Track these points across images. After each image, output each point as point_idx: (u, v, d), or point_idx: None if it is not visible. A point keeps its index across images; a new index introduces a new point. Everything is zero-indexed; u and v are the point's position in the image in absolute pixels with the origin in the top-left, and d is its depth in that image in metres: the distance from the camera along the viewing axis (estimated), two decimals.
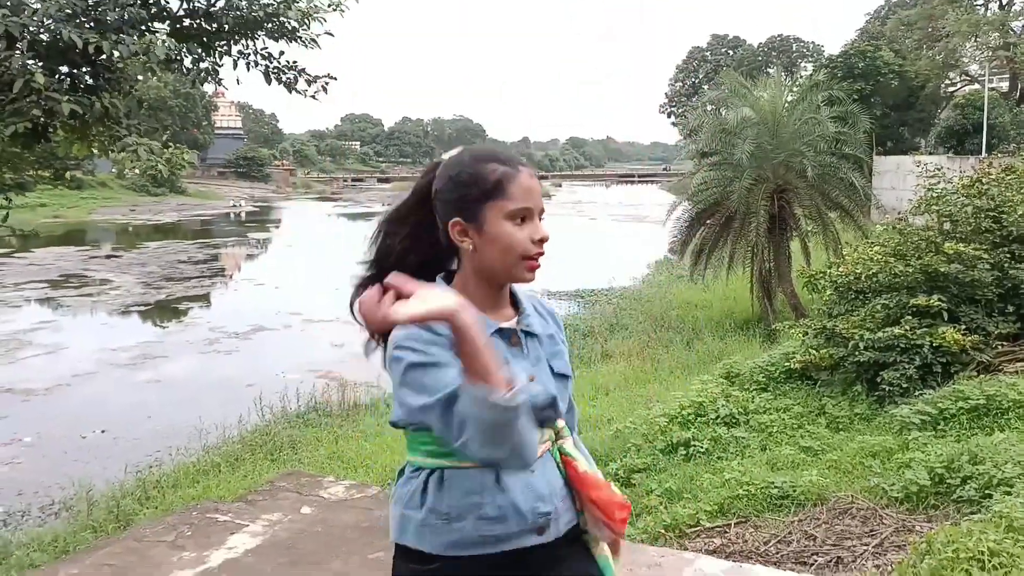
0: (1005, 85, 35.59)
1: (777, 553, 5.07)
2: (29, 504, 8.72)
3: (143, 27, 5.52)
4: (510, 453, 1.32)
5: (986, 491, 5.17)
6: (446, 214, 1.52)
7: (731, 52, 56.70)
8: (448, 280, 1.57)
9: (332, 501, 3.63)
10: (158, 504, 7.83)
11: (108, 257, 30.22)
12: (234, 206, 59.06)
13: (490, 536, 1.44)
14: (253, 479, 7.57)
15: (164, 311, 20.67)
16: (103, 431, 11.03)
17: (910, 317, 7.99)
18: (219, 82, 6.49)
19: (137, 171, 6.27)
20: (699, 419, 8.19)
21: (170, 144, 6.82)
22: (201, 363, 15.18)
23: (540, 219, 1.51)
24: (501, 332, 1.52)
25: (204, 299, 22.62)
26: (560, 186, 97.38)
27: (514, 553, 1.46)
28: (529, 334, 1.56)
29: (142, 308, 20.83)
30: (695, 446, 7.73)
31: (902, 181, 24.46)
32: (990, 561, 3.70)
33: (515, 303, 1.61)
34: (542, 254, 1.50)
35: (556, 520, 1.51)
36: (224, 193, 65.66)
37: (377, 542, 3.16)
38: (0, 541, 7.57)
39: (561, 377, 1.58)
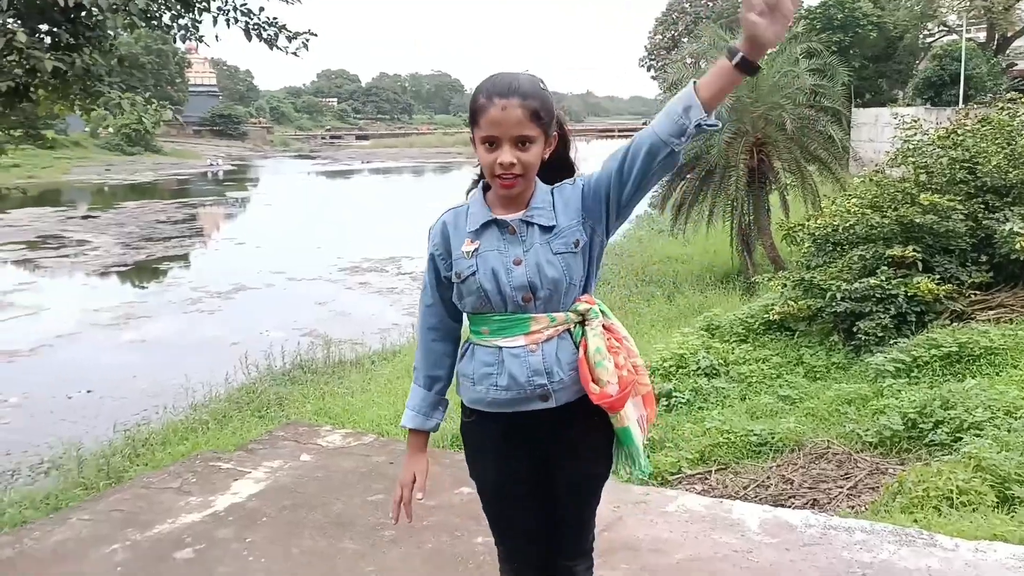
0: (982, 35, 35.56)
1: (756, 496, 5.24)
2: (18, 463, 8.75)
3: None
4: None
5: (957, 435, 5.36)
6: None
7: (710, 3, 56.17)
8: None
9: (330, 448, 3.74)
10: (148, 461, 7.91)
11: (85, 218, 29.87)
12: (211, 165, 58.26)
13: (502, 400, 1.82)
14: (242, 435, 7.66)
15: (144, 271, 20.56)
16: (89, 391, 11.05)
17: (886, 268, 8.15)
18: (199, 39, 6.44)
19: (111, 129, 6.25)
20: (680, 371, 8.35)
21: (152, 100, 6.78)
22: (184, 323, 15.17)
23: (517, 145, 1.73)
24: (498, 223, 1.82)
25: (184, 259, 22.49)
26: None
27: (525, 414, 1.82)
28: (529, 224, 1.81)
29: (122, 269, 20.70)
30: (676, 397, 7.89)
31: (880, 133, 24.56)
32: (959, 499, 3.88)
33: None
34: (509, 175, 1.74)
35: (561, 391, 1.80)
36: (201, 152, 64.74)
37: (376, 485, 3.27)
38: None
39: (563, 254, 1.79)
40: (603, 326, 1.82)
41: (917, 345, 7.22)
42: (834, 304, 8.22)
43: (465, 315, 1.92)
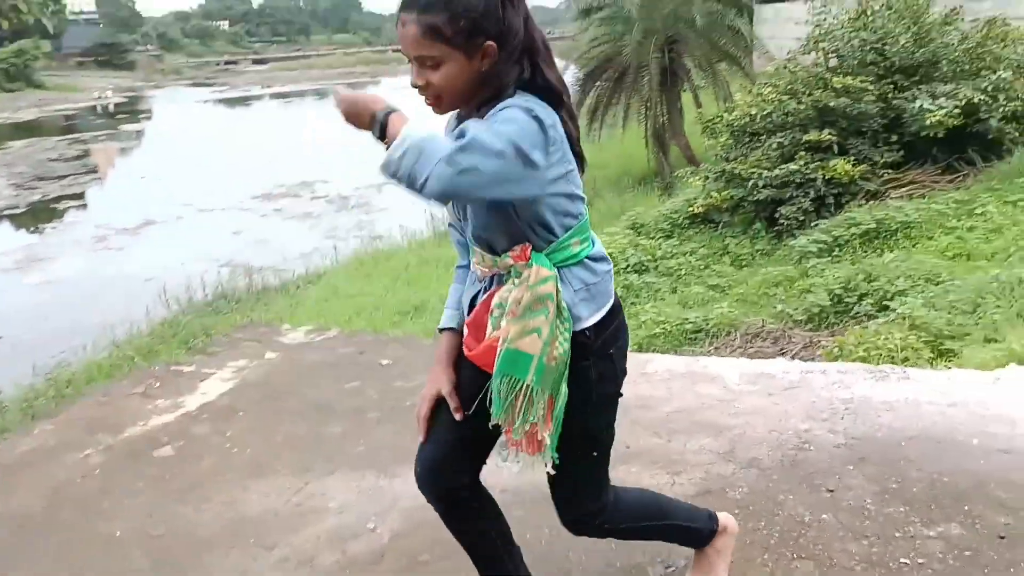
0: None
1: None
2: None
3: None
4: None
5: (883, 304, 5.62)
6: None
7: None
8: None
9: (294, 345, 3.70)
10: (75, 402, 7.67)
11: None
12: (100, 98, 55.19)
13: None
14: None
15: (42, 212, 19.53)
16: None
17: (803, 153, 8.35)
18: None
19: None
20: None
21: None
22: (93, 261, 14.55)
23: (425, 65, 1.49)
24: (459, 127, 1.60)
25: (83, 197, 21.43)
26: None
27: None
28: None
29: (17, 211, 19.62)
30: None
31: (781, 29, 24.82)
32: (898, 356, 4.08)
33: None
34: (427, 98, 1.53)
35: None
36: (87, 85, 60.95)
37: (348, 374, 3.25)
38: None
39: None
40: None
41: (837, 225, 7.48)
42: (755, 192, 8.41)
43: None
